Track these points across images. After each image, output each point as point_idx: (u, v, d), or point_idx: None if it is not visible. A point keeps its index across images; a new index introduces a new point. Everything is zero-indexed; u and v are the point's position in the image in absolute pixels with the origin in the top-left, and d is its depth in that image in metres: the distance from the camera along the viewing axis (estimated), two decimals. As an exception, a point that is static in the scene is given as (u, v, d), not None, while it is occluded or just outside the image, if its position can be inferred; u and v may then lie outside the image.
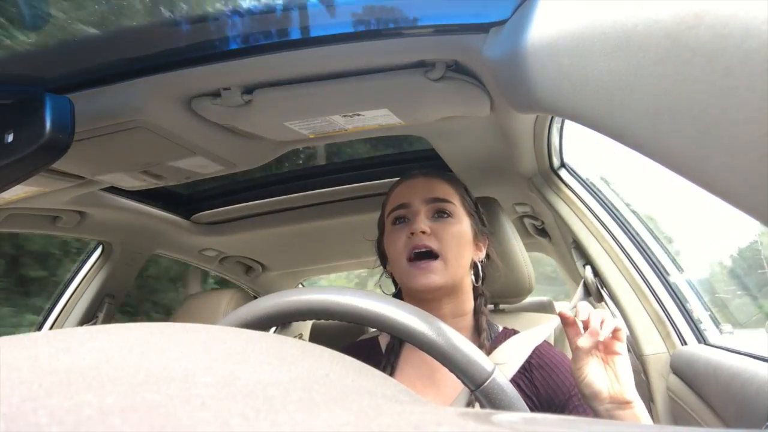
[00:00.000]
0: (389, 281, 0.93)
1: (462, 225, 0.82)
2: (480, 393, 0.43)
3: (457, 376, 0.44)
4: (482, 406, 0.44)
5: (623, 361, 0.65)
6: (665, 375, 1.00)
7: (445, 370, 0.45)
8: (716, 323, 1.11)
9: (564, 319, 0.67)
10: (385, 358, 0.81)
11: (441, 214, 0.81)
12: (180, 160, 0.93)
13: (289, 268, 2.07)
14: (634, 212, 1.21)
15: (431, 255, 0.77)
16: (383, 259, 0.90)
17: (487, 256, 0.88)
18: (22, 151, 0.64)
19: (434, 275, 0.77)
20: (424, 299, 0.79)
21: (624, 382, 0.64)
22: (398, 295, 0.88)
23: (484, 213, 0.91)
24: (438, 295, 0.79)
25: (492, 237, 0.95)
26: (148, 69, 0.70)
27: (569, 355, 0.84)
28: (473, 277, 0.85)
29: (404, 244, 0.79)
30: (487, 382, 0.43)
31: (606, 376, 0.64)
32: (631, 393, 0.64)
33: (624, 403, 0.63)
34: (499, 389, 0.43)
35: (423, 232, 0.78)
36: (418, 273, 0.77)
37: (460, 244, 0.80)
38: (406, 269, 0.79)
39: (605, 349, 0.65)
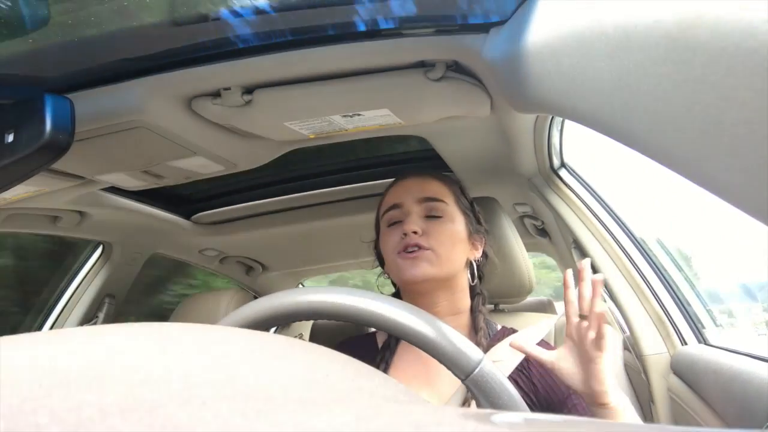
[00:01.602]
0: (388, 282, 0.93)
1: (455, 224, 0.82)
2: (469, 382, 0.43)
3: (446, 366, 0.44)
4: (473, 395, 0.44)
5: (602, 361, 0.62)
6: (665, 375, 1.00)
7: (440, 368, 0.45)
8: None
9: (565, 282, 0.66)
10: (380, 355, 0.81)
11: (433, 213, 0.82)
12: (180, 160, 0.93)
13: (289, 268, 2.07)
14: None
15: (420, 246, 0.78)
16: (381, 261, 0.90)
17: (485, 255, 0.88)
18: (23, 151, 0.64)
19: (424, 263, 0.77)
20: (418, 293, 0.79)
21: (601, 382, 0.61)
22: (396, 295, 0.88)
23: (481, 212, 0.91)
24: (430, 288, 0.79)
25: (491, 237, 0.95)
26: (148, 69, 0.70)
27: None
28: (469, 276, 0.85)
29: (396, 244, 0.80)
30: (476, 370, 0.43)
31: (579, 372, 0.63)
32: (610, 397, 0.62)
33: (600, 405, 0.62)
34: (489, 377, 0.43)
35: (414, 233, 0.78)
36: (408, 263, 0.78)
37: (452, 243, 0.80)
38: (397, 262, 0.79)
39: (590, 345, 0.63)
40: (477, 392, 0.43)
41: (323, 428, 0.14)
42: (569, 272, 0.66)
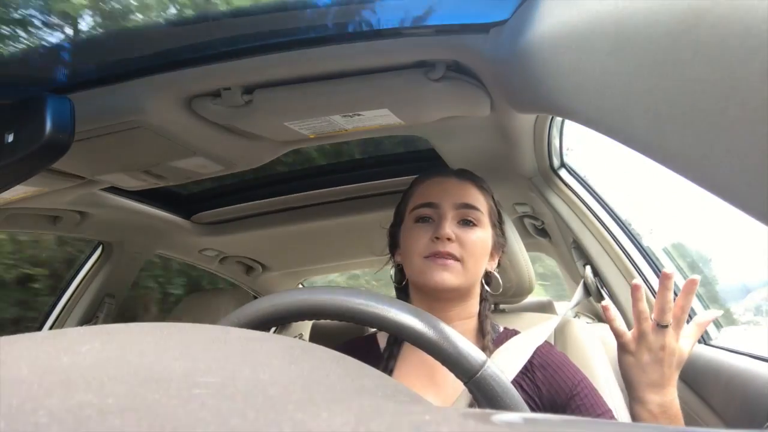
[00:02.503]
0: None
1: (485, 234, 0.81)
2: (472, 384, 0.43)
3: (448, 368, 0.44)
4: (475, 397, 0.44)
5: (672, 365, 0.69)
6: None
7: (445, 371, 0.45)
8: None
9: (606, 311, 0.73)
10: (384, 359, 0.80)
11: (467, 221, 0.80)
12: (180, 160, 0.93)
13: (289, 268, 2.07)
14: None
15: (452, 257, 0.77)
16: (393, 248, 0.89)
17: (499, 263, 0.88)
18: (23, 151, 0.64)
19: (450, 274, 0.76)
20: (434, 298, 0.78)
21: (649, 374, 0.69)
22: (403, 289, 0.88)
23: (504, 223, 0.91)
24: (449, 297, 0.79)
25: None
26: (148, 69, 0.70)
27: (570, 355, 0.84)
28: (488, 286, 0.85)
29: (426, 245, 0.78)
30: (479, 373, 0.43)
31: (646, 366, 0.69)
32: (647, 393, 0.67)
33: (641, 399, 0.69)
34: (491, 379, 0.43)
35: (449, 239, 0.77)
36: (435, 269, 0.76)
37: (480, 254, 0.79)
38: (422, 264, 0.77)
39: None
40: (479, 395, 0.43)
41: (323, 428, 0.14)
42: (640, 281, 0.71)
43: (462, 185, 0.84)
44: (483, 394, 0.43)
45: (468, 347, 0.44)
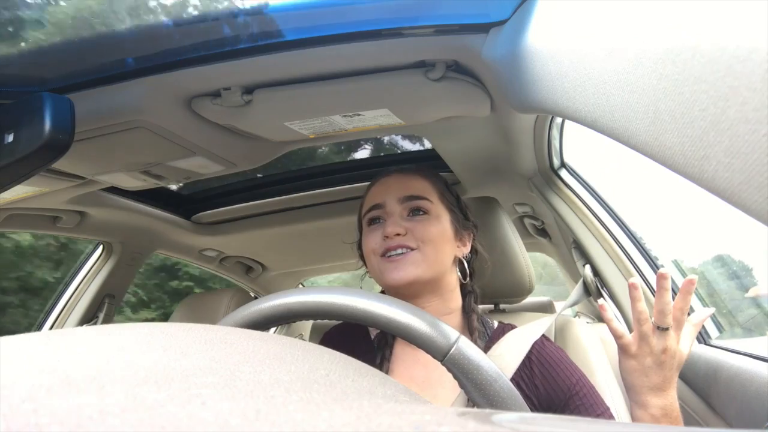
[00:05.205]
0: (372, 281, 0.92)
1: (440, 222, 0.79)
2: (448, 362, 0.43)
3: (422, 349, 0.44)
4: (453, 374, 0.44)
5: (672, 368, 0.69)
6: None
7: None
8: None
9: (603, 311, 0.74)
10: (377, 360, 0.79)
11: (416, 212, 0.79)
12: (180, 160, 0.93)
13: (289, 268, 2.07)
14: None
15: (406, 248, 0.76)
16: (365, 260, 0.88)
17: (475, 250, 0.86)
18: (23, 151, 0.64)
19: (409, 266, 0.74)
20: (404, 296, 0.76)
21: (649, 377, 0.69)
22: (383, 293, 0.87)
23: (472, 209, 0.89)
24: (417, 291, 0.76)
25: (492, 236, 0.94)
26: (148, 69, 0.70)
27: (570, 354, 0.84)
28: (459, 274, 0.82)
29: (378, 245, 0.77)
30: (452, 349, 0.43)
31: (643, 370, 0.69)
32: (649, 397, 0.67)
33: (642, 404, 0.69)
34: (466, 352, 0.43)
35: (398, 234, 0.76)
36: (392, 266, 0.75)
37: (439, 241, 0.77)
38: (379, 264, 0.77)
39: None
40: (457, 371, 0.43)
41: (323, 428, 0.14)
42: (638, 281, 0.71)
43: (404, 178, 0.82)
44: (459, 371, 0.43)
45: (438, 325, 0.44)
